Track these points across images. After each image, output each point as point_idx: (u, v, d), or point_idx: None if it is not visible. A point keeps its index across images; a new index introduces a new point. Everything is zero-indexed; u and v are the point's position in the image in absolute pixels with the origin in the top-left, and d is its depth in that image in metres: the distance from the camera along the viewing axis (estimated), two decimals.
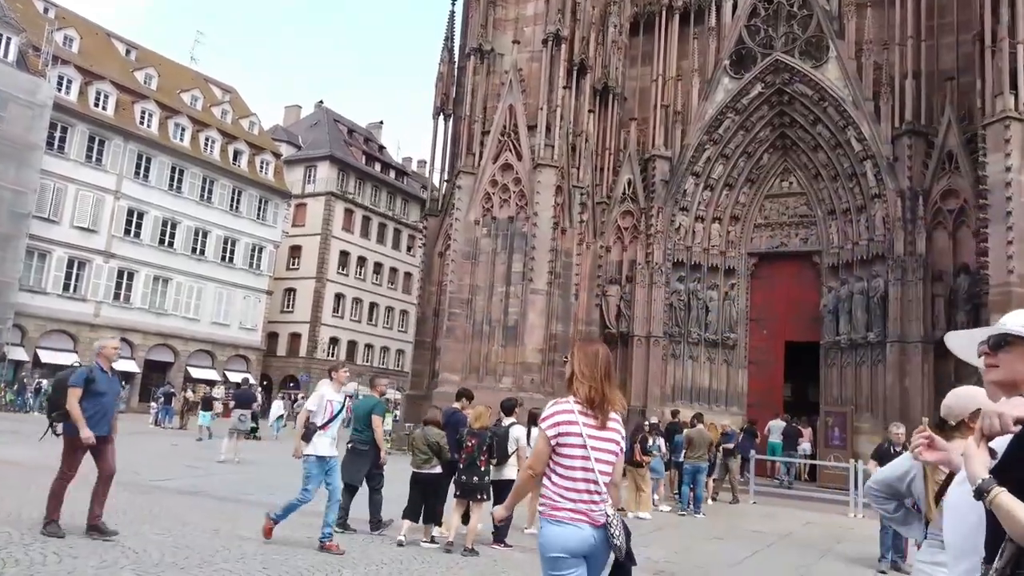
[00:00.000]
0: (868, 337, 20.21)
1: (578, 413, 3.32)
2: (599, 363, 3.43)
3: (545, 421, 3.38)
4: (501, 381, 20.72)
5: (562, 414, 3.34)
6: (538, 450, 3.42)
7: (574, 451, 3.28)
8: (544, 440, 3.35)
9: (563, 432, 3.30)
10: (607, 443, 3.35)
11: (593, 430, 3.32)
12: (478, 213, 21.88)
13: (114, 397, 8.02)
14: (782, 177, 23.39)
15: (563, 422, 3.32)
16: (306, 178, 53.43)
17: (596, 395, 3.35)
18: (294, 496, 8.30)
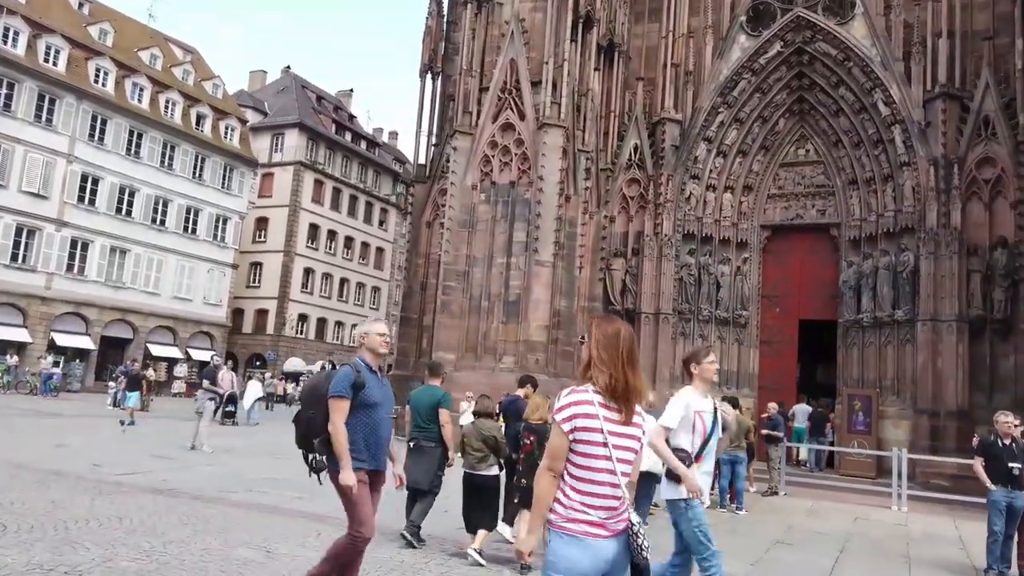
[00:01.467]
0: (895, 315, 18.89)
1: (598, 405, 2.86)
2: (621, 345, 2.94)
3: (560, 412, 2.91)
4: (501, 361, 19.00)
5: (580, 405, 2.88)
6: (554, 446, 2.92)
7: (595, 449, 2.84)
8: (560, 435, 2.89)
9: (581, 427, 2.85)
10: (629, 440, 2.93)
11: (615, 425, 2.87)
12: (476, 177, 20.00)
13: (389, 410, 5.27)
14: (798, 144, 21.89)
15: (581, 415, 2.86)
16: (273, 146, 50.78)
17: (618, 384, 2.88)
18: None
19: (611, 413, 2.88)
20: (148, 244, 38.71)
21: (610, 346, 2.94)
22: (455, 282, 19.65)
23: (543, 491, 2.92)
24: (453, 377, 18.59)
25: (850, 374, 20.04)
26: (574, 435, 2.85)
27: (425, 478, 7.83)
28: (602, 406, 2.88)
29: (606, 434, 2.84)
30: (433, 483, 7.95)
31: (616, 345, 2.94)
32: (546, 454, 2.97)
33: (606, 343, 2.95)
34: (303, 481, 11.71)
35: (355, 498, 4.78)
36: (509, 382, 18.53)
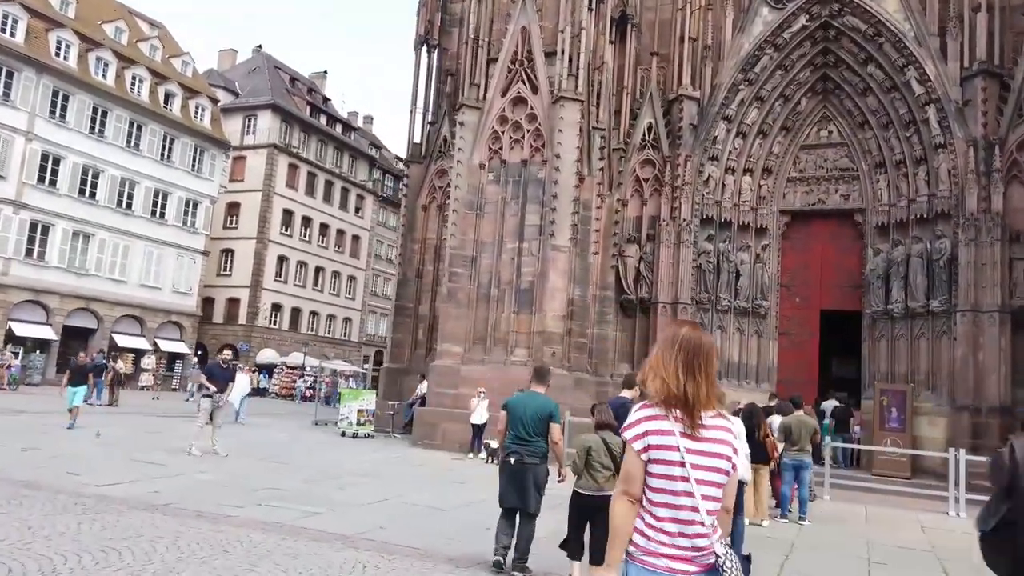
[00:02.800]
0: (930, 305, 17.86)
1: (672, 420, 2.48)
2: (676, 349, 2.54)
3: (629, 430, 2.54)
4: (513, 354, 17.57)
5: (652, 421, 2.51)
6: (629, 470, 2.55)
7: (672, 470, 2.46)
8: (633, 455, 2.52)
9: (655, 445, 2.48)
10: (711, 458, 2.48)
11: (691, 441, 2.47)
12: (484, 155, 18.49)
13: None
14: (820, 126, 20.76)
15: (655, 431, 2.49)
16: (245, 128, 48.55)
17: (675, 393, 2.48)
18: None
19: (686, 428, 2.49)
20: (113, 229, 36.47)
21: (665, 348, 2.59)
22: (462, 268, 18.15)
23: (620, 518, 2.58)
24: (460, 371, 17.18)
25: (877, 368, 19.00)
26: (648, 455, 2.50)
27: (531, 500, 6.90)
28: (678, 420, 2.50)
29: (683, 452, 2.47)
30: (539, 505, 7.01)
31: (672, 348, 2.57)
32: (620, 477, 2.64)
33: (662, 347, 2.61)
34: (307, 490, 10.06)
35: None
36: (522, 377, 17.11)
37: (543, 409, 7.01)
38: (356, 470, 13.23)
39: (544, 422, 6.95)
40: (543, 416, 6.96)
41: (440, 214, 22.53)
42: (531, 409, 6.96)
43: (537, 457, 6.91)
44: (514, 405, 7.15)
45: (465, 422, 16.64)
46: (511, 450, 6.97)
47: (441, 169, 22.56)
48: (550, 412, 7.01)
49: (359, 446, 17.32)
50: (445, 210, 22.20)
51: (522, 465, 6.87)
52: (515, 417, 7.02)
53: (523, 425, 6.95)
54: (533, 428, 6.92)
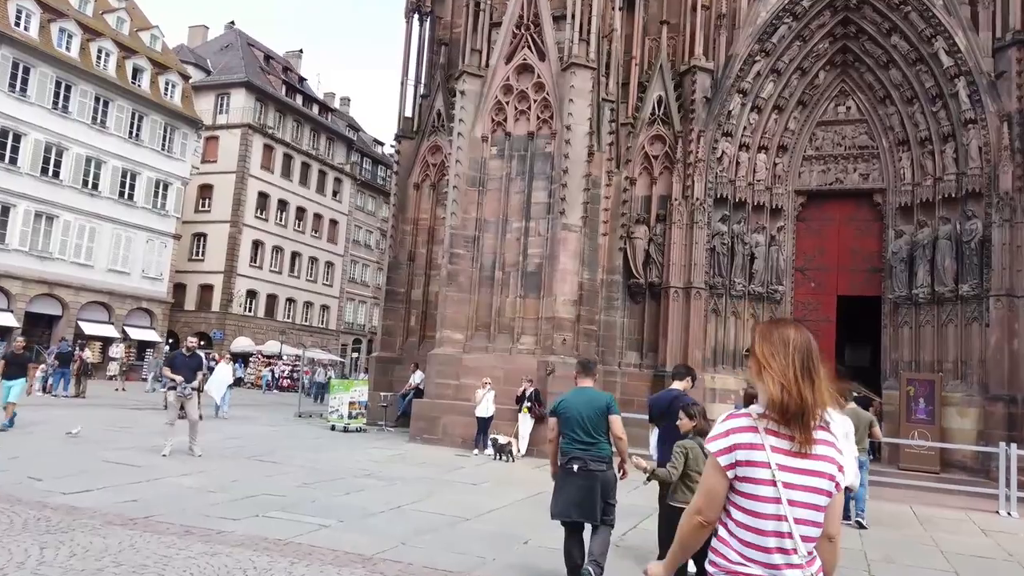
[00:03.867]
0: (960, 290, 16.89)
1: (764, 432, 2.18)
2: (792, 352, 2.23)
3: (714, 442, 2.24)
4: (520, 341, 16.31)
5: (740, 433, 2.21)
6: (708, 486, 2.25)
7: (760, 489, 2.15)
8: (716, 472, 2.23)
9: (742, 461, 2.18)
10: (810, 476, 2.16)
11: (786, 457, 2.16)
12: (486, 128, 17.13)
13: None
14: (837, 101, 19.66)
15: (742, 445, 2.19)
16: (218, 107, 46.57)
17: (791, 401, 2.15)
18: None
19: (781, 441, 2.15)
20: (78, 210, 34.51)
21: (778, 353, 2.23)
22: (463, 249, 16.81)
23: (686, 537, 2.27)
24: (462, 360, 15.89)
25: (900, 356, 18.03)
26: (735, 471, 2.17)
27: (595, 511, 5.98)
28: (770, 433, 2.16)
29: (774, 469, 2.13)
30: (609, 514, 6.14)
31: (786, 352, 2.22)
32: (699, 493, 2.28)
33: (773, 349, 2.24)
34: (308, 496, 8.70)
35: None
36: (529, 366, 15.91)
37: (599, 403, 6.11)
38: (356, 470, 11.89)
39: (604, 418, 6.06)
40: (601, 411, 6.06)
41: (433, 193, 21.18)
42: (586, 407, 6.06)
43: (603, 462, 6.02)
44: (566, 407, 6.17)
45: (468, 415, 15.38)
46: (572, 455, 6.01)
47: (435, 145, 21.19)
48: (607, 404, 6.13)
49: (353, 442, 15.96)
50: (439, 189, 20.90)
51: (587, 473, 5.95)
52: (570, 419, 6.08)
53: (580, 426, 6.02)
54: (594, 427, 6.03)
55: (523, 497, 10.53)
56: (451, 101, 19.93)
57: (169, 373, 12.32)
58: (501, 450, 14.29)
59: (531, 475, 12.95)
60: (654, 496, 8.49)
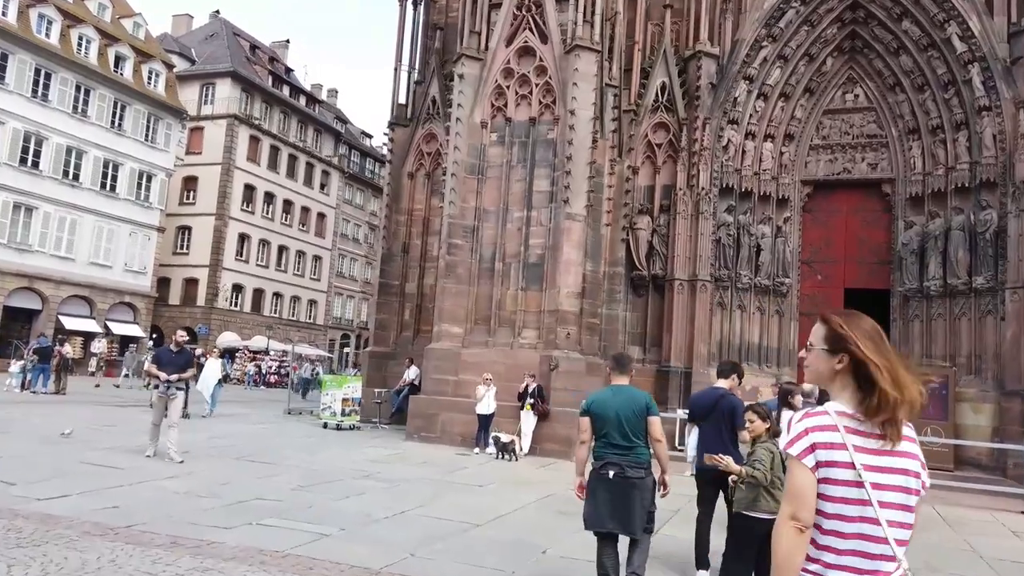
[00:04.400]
0: (974, 282, 16.40)
1: (845, 430, 2.04)
2: (886, 344, 2.12)
3: (795, 444, 2.08)
4: (521, 335, 15.66)
5: (819, 432, 2.06)
6: (798, 489, 2.05)
7: (843, 491, 2.01)
8: (803, 471, 2.05)
9: (824, 461, 2.03)
10: (897, 475, 2.02)
11: (871, 456, 2.01)
12: (486, 113, 16.45)
13: None
14: (845, 88, 19.11)
15: (823, 444, 2.04)
16: (203, 98, 45.55)
17: (895, 397, 2.01)
18: None
19: (867, 440, 2.01)
20: (59, 201, 33.51)
21: (880, 347, 2.08)
22: (462, 240, 16.13)
23: (785, 551, 2.02)
24: (461, 355, 15.24)
25: (910, 351, 17.45)
26: (818, 473, 2.02)
27: (637, 522, 5.40)
28: (851, 432, 2.02)
29: (859, 469, 1.98)
30: (650, 522, 5.63)
31: (884, 345, 2.10)
32: (787, 497, 2.09)
33: (875, 346, 2.08)
34: (304, 500, 8.02)
35: None
36: (532, 361, 15.27)
37: (637, 403, 5.48)
38: (353, 471, 11.22)
39: (642, 419, 5.46)
40: (639, 412, 5.45)
41: (428, 182, 20.48)
42: (623, 406, 5.45)
43: (642, 468, 5.42)
44: (600, 405, 5.55)
45: (468, 412, 14.73)
46: (606, 460, 5.42)
47: (430, 133, 20.48)
48: (646, 404, 5.51)
49: (347, 440, 15.27)
50: (434, 178, 20.22)
51: (624, 480, 5.36)
52: (604, 420, 5.48)
53: (617, 428, 5.42)
54: (632, 430, 5.42)
55: (534, 500, 9.90)
56: (446, 87, 19.26)
57: (153, 371, 11.39)
58: (504, 449, 13.66)
59: (538, 475, 12.33)
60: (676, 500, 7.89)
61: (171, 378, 11.06)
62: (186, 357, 11.83)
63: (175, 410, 11.24)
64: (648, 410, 5.49)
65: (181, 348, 11.83)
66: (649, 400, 5.59)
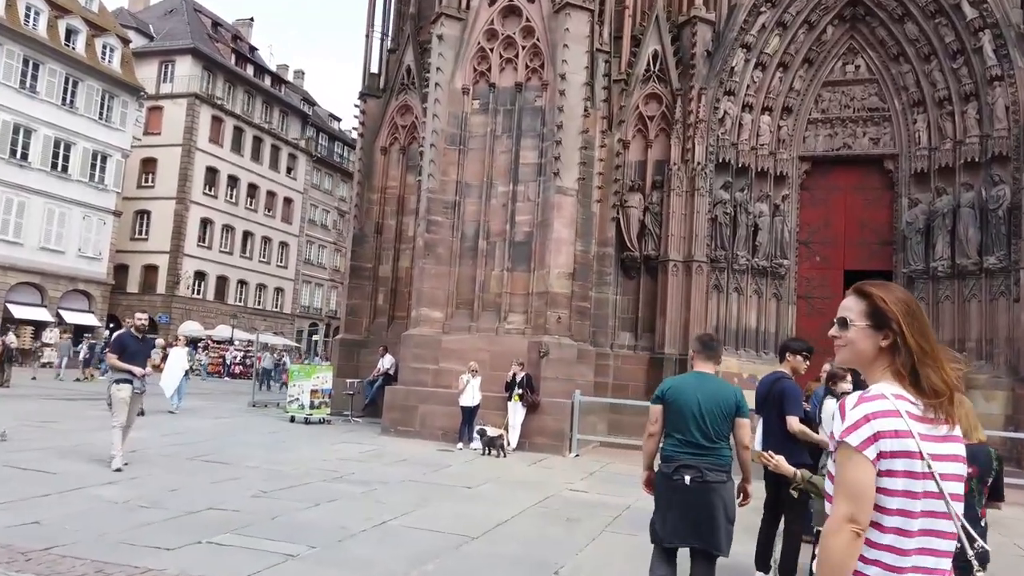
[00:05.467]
0: (985, 262, 15.50)
1: (908, 416, 1.81)
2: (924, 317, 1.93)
3: (853, 433, 1.81)
4: (507, 320, 14.41)
5: (883, 418, 1.81)
6: (857, 486, 1.80)
7: (911, 484, 1.79)
8: (864, 465, 1.80)
9: (888, 451, 1.79)
10: (957, 463, 1.86)
11: (935, 443, 1.81)
12: (468, 78, 15.12)
13: None
14: (845, 59, 18.08)
15: (887, 432, 1.80)
16: (162, 76, 43.48)
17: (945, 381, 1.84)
18: None
19: (927, 427, 1.81)
20: (5, 182, 31.55)
21: (925, 324, 1.91)
22: (442, 216, 14.81)
23: (840, 558, 1.78)
24: (442, 342, 13.97)
25: None
26: (879, 465, 1.79)
27: (721, 536, 4.33)
28: (914, 418, 1.80)
29: (927, 459, 1.78)
30: (729, 543, 4.44)
31: (926, 320, 1.92)
32: (843, 495, 1.81)
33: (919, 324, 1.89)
34: (266, 509, 6.71)
35: None
36: (519, 348, 14.02)
37: (725, 399, 4.45)
38: (324, 472, 9.91)
39: (729, 420, 4.45)
40: (727, 410, 4.43)
41: (403, 158, 19.12)
42: (710, 400, 4.44)
43: (723, 472, 4.42)
44: (678, 393, 4.51)
45: (450, 404, 13.46)
46: (680, 462, 4.40)
47: (404, 105, 19.11)
48: (735, 403, 4.47)
49: (317, 436, 13.92)
50: (409, 153, 18.89)
51: (704, 486, 4.34)
52: (682, 414, 4.42)
53: (697, 425, 4.38)
54: (715, 428, 4.40)
55: (533, 503, 8.69)
56: (423, 55, 17.93)
57: (120, 363, 9.20)
58: (491, 444, 12.43)
59: (532, 474, 11.12)
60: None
61: (147, 372, 9.40)
62: (151, 345, 10.11)
63: (136, 407, 9.67)
64: (738, 409, 4.47)
65: (144, 334, 9.84)
66: (740, 397, 4.53)
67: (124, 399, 9.21)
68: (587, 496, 9.53)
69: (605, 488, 10.19)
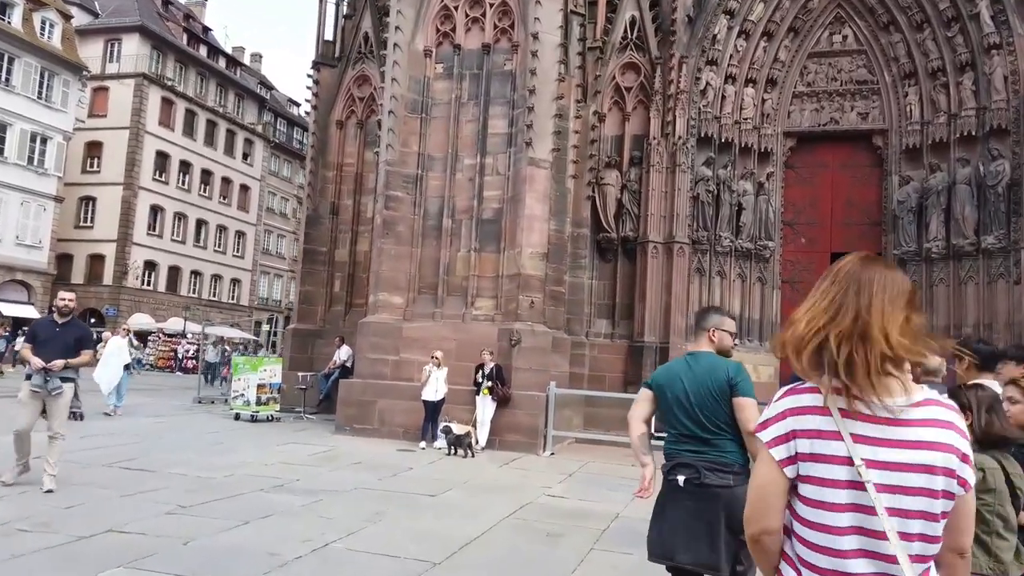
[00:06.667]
0: (983, 242, 14.59)
1: (839, 413, 1.52)
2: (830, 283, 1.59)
3: (767, 428, 1.59)
4: (475, 305, 13.09)
5: (800, 414, 1.55)
6: (761, 485, 1.59)
7: (834, 495, 1.49)
8: (771, 466, 1.57)
9: (806, 454, 1.53)
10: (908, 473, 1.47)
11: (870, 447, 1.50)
12: (430, 39, 13.75)
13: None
14: (832, 29, 17.05)
15: (805, 432, 1.54)
16: (107, 55, 41.17)
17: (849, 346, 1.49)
18: None
19: (861, 424, 1.50)
20: None
21: (835, 282, 1.57)
22: (402, 191, 13.42)
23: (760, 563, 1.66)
24: (402, 330, 12.64)
25: None
26: (796, 468, 1.54)
27: (721, 552, 3.39)
28: (846, 415, 1.50)
29: (858, 463, 1.47)
30: (746, 560, 3.40)
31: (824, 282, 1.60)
32: (749, 497, 1.62)
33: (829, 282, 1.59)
34: (182, 529, 5.30)
35: None
36: (488, 336, 12.70)
37: (715, 376, 3.54)
38: (262, 478, 8.52)
39: (724, 401, 3.52)
40: (718, 389, 3.52)
41: (361, 132, 17.69)
42: (696, 382, 3.57)
43: (728, 471, 3.49)
44: (666, 378, 3.74)
45: (412, 399, 12.14)
46: (678, 459, 3.62)
47: (362, 75, 17.68)
48: (726, 380, 3.52)
49: (263, 435, 12.49)
50: (367, 127, 17.47)
51: (701, 488, 3.50)
52: (669, 401, 3.65)
53: (686, 411, 3.58)
54: (708, 416, 3.53)
55: (507, 515, 7.41)
56: (381, 21, 16.45)
57: (27, 354, 7.55)
58: (457, 443, 11.13)
59: (504, 477, 9.84)
60: None
61: (52, 364, 7.31)
62: (78, 332, 8.13)
63: (58, 412, 7.55)
64: (732, 387, 3.48)
65: (70, 318, 7.87)
66: (735, 372, 3.53)
67: (21, 399, 7.60)
68: (568, 503, 8.29)
69: (586, 492, 8.97)
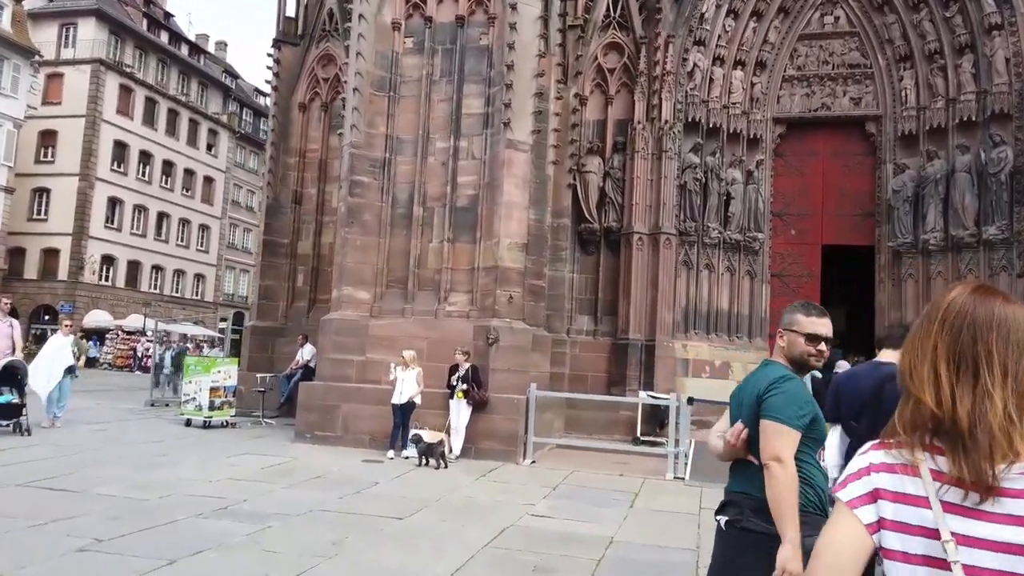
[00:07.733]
0: (984, 233, 13.87)
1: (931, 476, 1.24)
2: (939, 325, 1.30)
3: (846, 487, 1.31)
4: (448, 300, 12.04)
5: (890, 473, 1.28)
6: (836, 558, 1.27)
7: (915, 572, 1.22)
8: (853, 532, 1.28)
9: (891, 522, 1.25)
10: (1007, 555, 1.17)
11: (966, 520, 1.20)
12: (399, 11, 12.65)
13: None
14: (823, 10, 16.25)
15: (892, 494, 1.26)
16: (62, 40, 39.42)
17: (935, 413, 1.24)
18: None
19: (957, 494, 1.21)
20: None
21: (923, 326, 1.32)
22: (369, 177, 12.32)
23: None
24: (369, 328, 11.58)
25: (902, 316, 14.90)
26: (880, 537, 1.26)
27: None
28: (939, 477, 1.23)
29: (949, 542, 1.19)
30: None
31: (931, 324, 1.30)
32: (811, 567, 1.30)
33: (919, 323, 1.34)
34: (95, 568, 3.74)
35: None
36: (463, 335, 11.65)
37: (756, 392, 2.76)
38: (204, 499, 7.41)
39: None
40: (752, 407, 2.75)
41: (326, 116, 16.56)
42: (745, 399, 2.84)
43: (757, 512, 2.67)
44: (734, 394, 3.01)
45: (379, 403, 11.08)
46: (727, 496, 2.91)
47: (326, 54, 16.53)
48: (758, 393, 2.74)
49: (213, 444, 11.33)
50: (332, 110, 16.33)
51: (742, 533, 2.73)
52: (732, 421, 2.91)
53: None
54: (757, 442, 2.71)
55: (486, 543, 6.38)
56: None
57: None
58: (428, 452, 10.09)
59: (480, 492, 8.81)
60: None
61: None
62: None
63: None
64: (761, 403, 2.72)
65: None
66: (770, 383, 2.73)
67: None
68: (554, 525, 7.30)
69: (574, 510, 7.99)
